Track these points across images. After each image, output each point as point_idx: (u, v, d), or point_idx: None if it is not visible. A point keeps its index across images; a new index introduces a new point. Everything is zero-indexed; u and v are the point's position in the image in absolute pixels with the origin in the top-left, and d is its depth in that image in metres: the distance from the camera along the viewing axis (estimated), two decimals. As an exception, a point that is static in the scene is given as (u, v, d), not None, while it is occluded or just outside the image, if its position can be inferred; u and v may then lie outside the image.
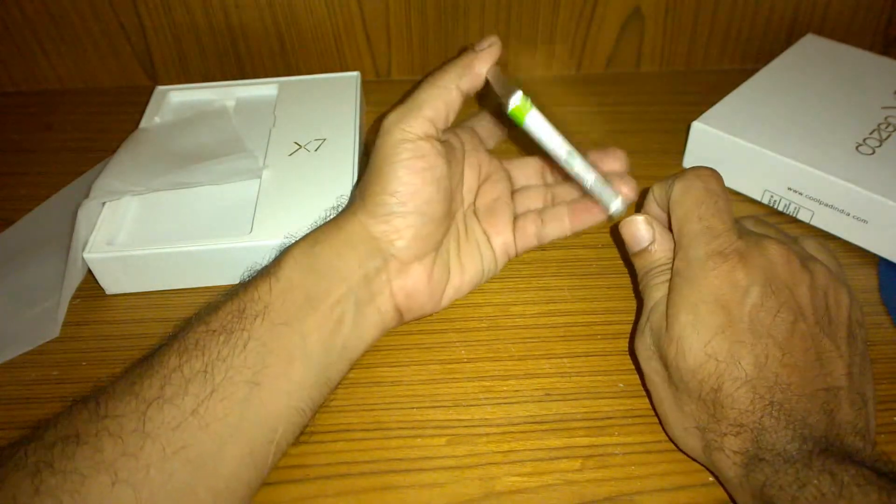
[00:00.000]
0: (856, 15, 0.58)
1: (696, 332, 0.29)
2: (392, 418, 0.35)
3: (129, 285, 0.42)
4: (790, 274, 0.30)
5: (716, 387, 0.28)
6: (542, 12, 0.57)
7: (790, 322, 0.29)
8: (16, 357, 0.39)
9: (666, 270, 0.33)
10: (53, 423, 0.27)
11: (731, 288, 0.29)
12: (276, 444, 0.30)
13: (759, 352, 0.28)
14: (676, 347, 0.30)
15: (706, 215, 0.31)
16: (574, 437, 0.34)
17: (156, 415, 0.27)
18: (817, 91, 0.49)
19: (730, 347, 0.28)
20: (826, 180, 0.42)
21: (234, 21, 0.56)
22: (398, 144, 0.33)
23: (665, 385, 0.31)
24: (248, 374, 0.29)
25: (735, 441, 0.28)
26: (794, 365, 0.28)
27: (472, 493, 0.32)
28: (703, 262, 0.30)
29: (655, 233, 0.34)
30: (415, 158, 0.33)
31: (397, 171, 0.33)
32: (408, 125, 0.33)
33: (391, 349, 0.38)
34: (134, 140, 0.47)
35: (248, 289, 0.32)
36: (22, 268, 0.43)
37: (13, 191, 0.50)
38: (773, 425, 0.27)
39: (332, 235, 0.34)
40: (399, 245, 0.34)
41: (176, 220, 0.43)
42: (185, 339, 0.30)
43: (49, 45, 0.57)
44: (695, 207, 0.32)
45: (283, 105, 0.50)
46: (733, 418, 0.28)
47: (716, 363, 0.29)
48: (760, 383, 0.28)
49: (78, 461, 0.26)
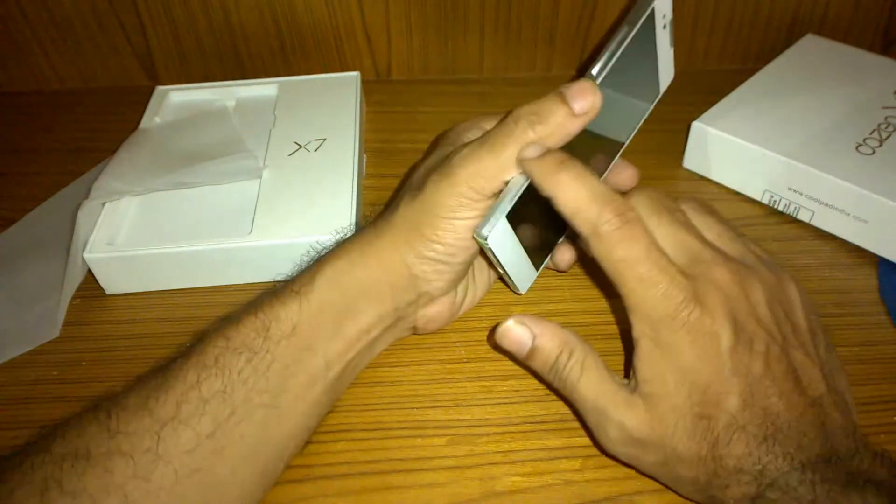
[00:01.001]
0: (856, 15, 0.58)
1: (684, 394, 0.28)
2: (392, 418, 0.35)
3: (129, 285, 0.42)
4: (744, 296, 0.29)
5: (712, 442, 0.27)
6: (542, 12, 0.57)
7: (764, 351, 0.28)
8: (16, 357, 0.39)
9: (568, 355, 0.30)
10: (61, 432, 0.27)
11: (703, 335, 0.27)
12: (286, 460, 0.30)
13: (746, 393, 0.27)
14: (666, 418, 0.28)
15: (642, 269, 0.28)
16: (574, 437, 0.34)
17: (170, 436, 0.26)
18: (817, 91, 0.49)
19: (717, 400, 0.27)
20: (826, 180, 0.42)
21: (234, 21, 0.56)
22: (463, 202, 0.31)
23: (656, 464, 0.29)
24: (268, 397, 0.29)
25: (738, 489, 0.27)
26: (778, 393, 0.27)
27: (472, 493, 0.32)
28: (670, 320, 0.28)
29: (532, 328, 0.30)
30: (475, 218, 0.31)
31: (457, 227, 0.31)
32: (478, 185, 0.30)
33: (391, 349, 0.38)
34: (134, 140, 0.47)
35: (274, 305, 0.30)
36: (22, 268, 0.43)
37: (13, 191, 0.50)
38: (772, 461, 0.27)
39: (369, 261, 0.32)
40: (437, 286, 0.33)
41: (176, 221, 0.43)
42: (204, 353, 0.29)
43: (49, 45, 0.57)
44: (625, 266, 0.28)
45: (283, 105, 0.50)
46: (732, 467, 0.27)
47: (707, 421, 0.27)
48: (751, 423, 0.27)
49: (87, 481, 0.25)
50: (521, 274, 0.35)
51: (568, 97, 0.29)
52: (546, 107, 0.30)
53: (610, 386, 0.30)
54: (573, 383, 0.30)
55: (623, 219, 0.28)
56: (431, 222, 0.31)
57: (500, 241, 0.31)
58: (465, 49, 0.59)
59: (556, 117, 0.29)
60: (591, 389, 0.30)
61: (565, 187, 0.28)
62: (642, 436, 0.28)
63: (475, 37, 0.58)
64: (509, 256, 0.33)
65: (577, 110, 0.29)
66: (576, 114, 0.29)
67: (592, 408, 0.30)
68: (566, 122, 0.29)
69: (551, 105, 0.29)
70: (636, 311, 0.28)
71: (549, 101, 0.30)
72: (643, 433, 0.28)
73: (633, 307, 0.29)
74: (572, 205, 0.28)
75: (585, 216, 0.28)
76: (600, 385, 0.30)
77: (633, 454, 0.29)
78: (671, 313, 0.28)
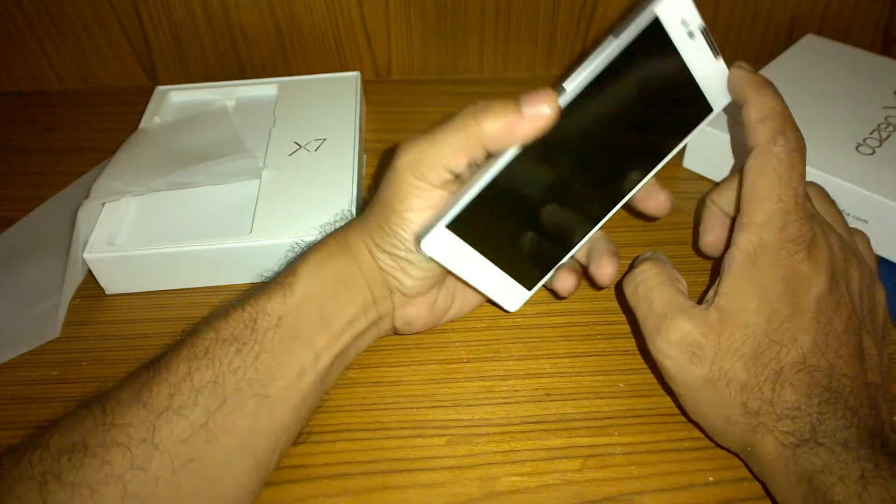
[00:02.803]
0: (856, 15, 0.58)
1: (763, 317, 0.29)
2: (392, 418, 0.35)
3: (129, 285, 0.42)
4: (846, 269, 0.30)
5: (776, 370, 0.29)
6: (542, 12, 0.57)
7: (846, 317, 0.29)
8: (16, 357, 0.39)
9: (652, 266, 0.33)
10: (58, 429, 0.27)
11: (800, 277, 0.29)
12: (280, 452, 0.30)
13: (820, 341, 0.29)
14: (736, 333, 0.29)
15: (785, 196, 0.29)
16: (574, 437, 0.34)
17: (164, 426, 0.27)
18: (817, 91, 0.49)
19: (794, 335, 0.29)
20: (826, 180, 0.42)
21: (234, 21, 0.56)
22: (410, 192, 0.30)
23: (701, 379, 0.30)
24: (258, 386, 0.29)
25: (791, 424, 0.28)
26: (847, 356, 0.29)
27: (472, 493, 0.32)
28: (777, 249, 0.29)
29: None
30: (428, 208, 0.30)
31: (410, 218, 0.31)
32: (418, 172, 0.30)
33: (391, 349, 0.38)
34: (134, 140, 0.47)
35: (259, 298, 0.31)
36: (22, 268, 0.43)
37: (13, 191, 0.50)
38: (831, 411, 0.28)
39: (345, 254, 0.32)
40: (407, 284, 0.33)
41: (176, 221, 0.43)
42: (195, 345, 0.29)
43: (49, 45, 0.57)
44: (774, 184, 0.29)
45: (283, 105, 0.50)
46: (792, 402, 0.28)
47: (778, 348, 0.29)
48: (819, 370, 0.28)
49: (86, 473, 0.25)
50: (501, 291, 0.33)
51: (522, 100, 0.28)
52: (499, 104, 0.29)
53: (683, 300, 0.31)
54: (647, 290, 0.32)
55: (799, 146, 0.29)
56: (387, 215, 0.31)
57: (446, 252, 0.30)
58: (464, 49, 0.59)
59: (506, 115, 0.28)
60: (665, 297, 0.31)
61: (770, 96, 0.30)
62: (705, 344, 0.30)
63: (475, 37, 0.58)
64: (469, 270, 0.31)
65: (526, 114, 0.28)
66: (524, 117, 0.28)
67: (660, 313, 0.31)
68: (514, 123, 0.28)
69: (504, 103, 0.29)
70: (750, 227, 0.30)
71: (505, 100, 0.29)
72: (708, 340, 0.29)
73: (751, 222, 0.30)
74: (769, 110, 0.30)
75: (775, 125, 0.29)
76: (674, 297, 0.31)
77: (683, 363, 0.30)
78: (782, 243, 0.29)
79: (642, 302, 0.32)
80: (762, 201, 0.29)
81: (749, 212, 0.30)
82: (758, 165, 0.29)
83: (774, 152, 0.29)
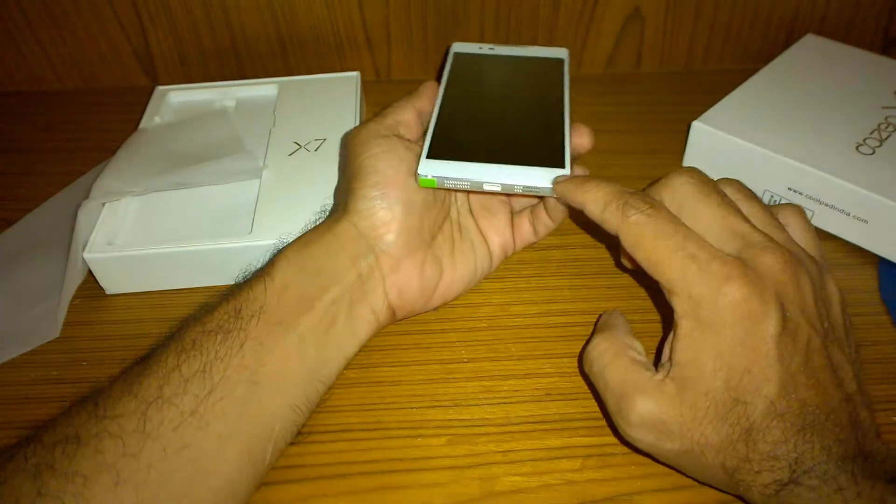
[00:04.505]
0: (856, 15, 0.58)
1: (721, 379, 0.27)
2: (392, 418, 0.35)
3: (129, 285, 0.42)
4: (794, 285, 0.28)
5: (746, 427, 0.27)
6: (542, 12, 0.57)
7: (806, 342, 0.28)
8: (16, 357, 0.39)
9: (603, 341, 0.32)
10: (52, 425, 0.27)
11: (749, 319, 0.27)
12: (274, 442, 0.30)
13: (787, 382, 0.27)
14: (697, 402, 0.28)
15: (678, 245, 0.28)
16: (574, 437, 0.34)
17: (155, 415, 0.27)
18: (817, 91, 0.49)
19: (757, 387, 0.27)
20: (826, 180, 0.42)
21: (234, 21, 0.56)
22: (369, 140, 0.35)
23: (674, 452, 0.29)
24: (246, 373, 0.29)
25: (769, 475, 0.27)
26: (816, 385, 0.27)
27: (472, 493, 0.32)
28: (713, 298, 0.27)
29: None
30: (387, 151, 0.34)
31: (374, 164, 0.34)
32: (374, 123, 0.36)
33: (391, 349, 0.38)
34: (134, 140, 0.47)
35: (242, 289, 0.32)
36: (22, 268, 0.43)
37: (13, 191, 0.50)
38: (808, 449, 0.26)
39: (322, 236, 0.34)
40: (388, 239, 0.34)
41: (176, 221, 0.43)
42: (182, 339, 0.30)
43: (49, 46, 0.57)
44: (660, 244, 0.29)
45: (283, 105, 0.50)
46: (767, 452, 0.27)
47: (744, 406, 0.27)
48: (790, 413, 0.27)
49: (79, 462, 0.26)
50: (527, 176, 0.34)
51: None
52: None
53: (637, 372, 0.30)
54: (601, 368, 0.31)
55: (649, 203, 0.30)
56: (354, 176, 0.35)
57: (443, 169, 0.34)
58: (465, 49, 0.59)
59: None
60: (618, 374, 0.30)
61: (590, 193, 0.31)
62: (668, 420, 0.28)
63: (475, 37, 0.58)
64: (479, 177, 0.34)
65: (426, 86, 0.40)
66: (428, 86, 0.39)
67: (617, 393, 0.30)
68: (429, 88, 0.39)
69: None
70: (676, 291, 0.28)
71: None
72: (670, 418, 0.28)
73: (673, 287, 0.29)
74: (601, 203, 0.31)
75: (613, 209, 0.30)
76: (627, 372, 0.30)
77: (653, 441, 0.29)
78: (714, 289, 0.27)
79: (599, 381, 0.31)
80: (665, 264, 0.28)
81: (665, 280, 0.29)
82: (631, 240, 0.29)
83: (634, 221, 0.29)
